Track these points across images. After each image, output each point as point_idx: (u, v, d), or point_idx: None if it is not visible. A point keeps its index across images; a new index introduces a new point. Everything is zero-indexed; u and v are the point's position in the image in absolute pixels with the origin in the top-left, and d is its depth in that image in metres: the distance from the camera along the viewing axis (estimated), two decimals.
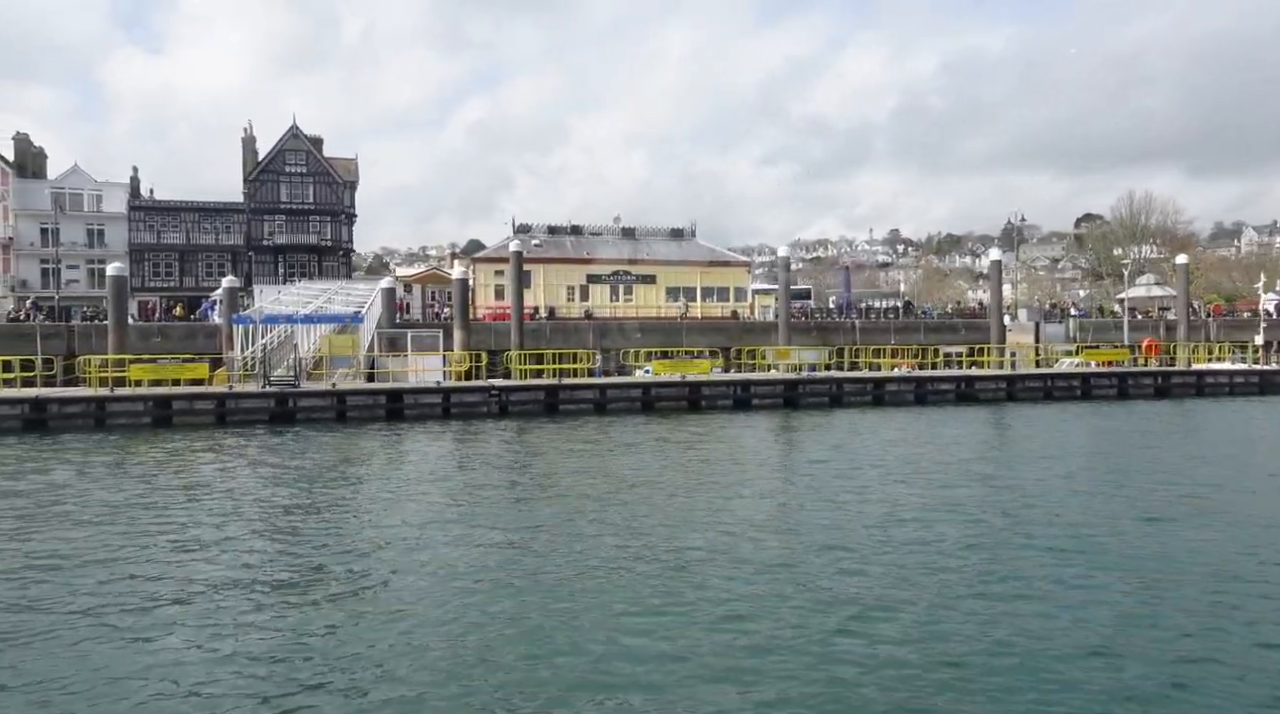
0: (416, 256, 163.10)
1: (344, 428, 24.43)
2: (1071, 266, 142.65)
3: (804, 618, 8.13)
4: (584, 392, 27.64)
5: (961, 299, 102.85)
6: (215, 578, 9.77)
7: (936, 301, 77.22)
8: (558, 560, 10.31)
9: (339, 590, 9.33)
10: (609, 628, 7.97)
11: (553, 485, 15.53)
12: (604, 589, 9.15)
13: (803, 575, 9.51)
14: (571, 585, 9.30)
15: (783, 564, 10.02)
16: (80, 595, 9.17)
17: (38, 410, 24.06)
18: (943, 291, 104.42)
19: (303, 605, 8.80)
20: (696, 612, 8.37)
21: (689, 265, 52.97)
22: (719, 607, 8.49)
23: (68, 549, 11.17)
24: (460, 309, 30.85)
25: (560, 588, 9.20)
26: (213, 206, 58.18)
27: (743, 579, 9.45)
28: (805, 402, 28.96)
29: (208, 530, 12.17)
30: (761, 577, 9.54)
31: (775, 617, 8.18)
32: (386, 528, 12.22)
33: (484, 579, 9.64)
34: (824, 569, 9.78)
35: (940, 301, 77.63)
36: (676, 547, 10.83)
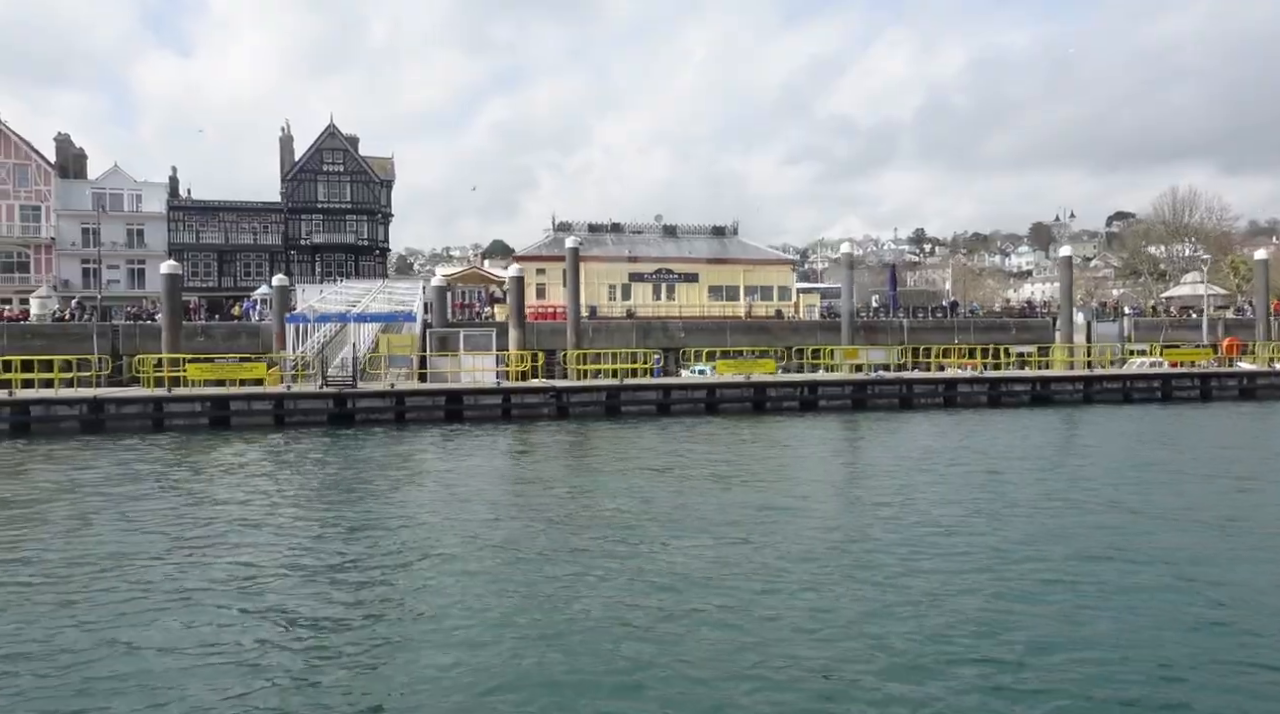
0: (440, 257, 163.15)
1: (404, 430, 23.75)
2: (1104, 265, 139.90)
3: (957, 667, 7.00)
4: (646, 393, 26.77)
5: (1000, 298, 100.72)
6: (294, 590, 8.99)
7: (969, 301, 75.62)
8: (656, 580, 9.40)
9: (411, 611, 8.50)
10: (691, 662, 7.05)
11: (636, 494, 14.65)
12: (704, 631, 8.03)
13: (962, 625, 8.38)
14: (679, 619, 8.25)
15: (950, 610, 9.05)
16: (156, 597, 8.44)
17: (95, 411, 23.59)
18: (975, 291, 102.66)
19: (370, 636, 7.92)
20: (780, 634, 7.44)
21: (731, 263, 51.98)
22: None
23: (165, 555, 10.48)
24: (515, 308, 30.11)
25: (663, 622, 8.18)
26: (251, 206, 58.03)
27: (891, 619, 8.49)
28: (874, 403, 27.91)
29: (303, 536, 11.43)
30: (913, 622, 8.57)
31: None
32: (476, 541, 11.41)
33: (581, 608, 8.61)
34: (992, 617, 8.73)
35: (974, 301, 76.00)
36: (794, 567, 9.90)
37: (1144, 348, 34.76)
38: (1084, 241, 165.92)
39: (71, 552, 10.95)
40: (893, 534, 11.27)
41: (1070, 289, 34.96)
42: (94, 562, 10.50)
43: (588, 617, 8.19)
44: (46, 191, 53.58)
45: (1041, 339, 45.80)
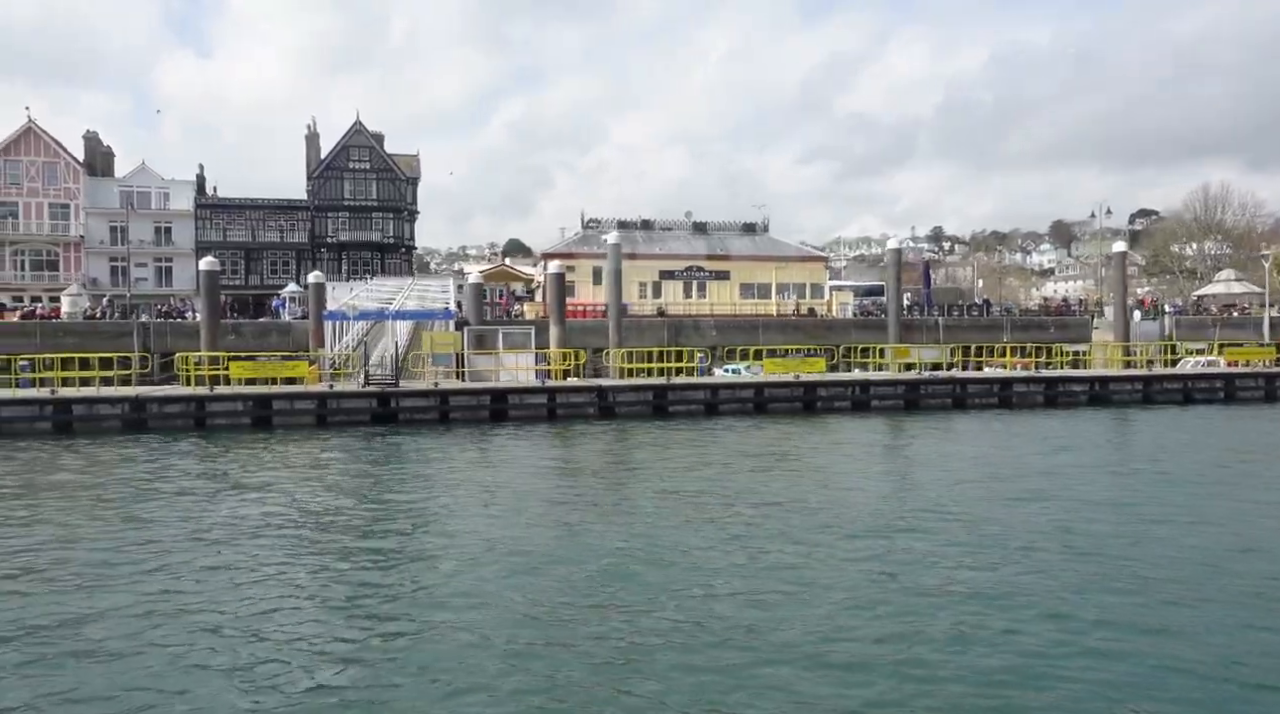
0: (457, 255, 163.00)
1: (448, 429, 23.18)
2: (1129, 263, 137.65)
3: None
4: (694, 392, 26.08)
5: (1024, 296, 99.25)
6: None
7: (998, 300, 74.38)
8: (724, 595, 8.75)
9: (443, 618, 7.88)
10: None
11: (700, 499, 13.98)
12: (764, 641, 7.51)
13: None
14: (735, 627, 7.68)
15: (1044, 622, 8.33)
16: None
17: (137, 410, 23.18)
18: (998, 289, 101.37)
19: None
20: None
21: (764, 261, 51.17)
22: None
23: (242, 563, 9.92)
24: (556, 305, 29.47)
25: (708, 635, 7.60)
26: (277, 204, 57.79)
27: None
28: (926, 404, 27.09)
29: (378, 537, 10.85)
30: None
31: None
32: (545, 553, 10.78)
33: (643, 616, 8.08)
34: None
35: (998, 298, 74.77)
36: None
37: (1201, 347, 33.65)
38: (1107, 239, 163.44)
39: (145, 551, 10.42)
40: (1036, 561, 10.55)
41: (1124, 286, 33.96)
42: (169, 558, 9.97)
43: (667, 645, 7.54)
44: (75, 189, 53.56)
45: (1080, 337, 44.73)
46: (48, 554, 10.77)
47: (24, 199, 52.76)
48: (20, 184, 52.66)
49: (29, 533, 11.88)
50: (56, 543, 11.34)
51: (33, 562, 10.38)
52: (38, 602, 8.89)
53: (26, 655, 7.43)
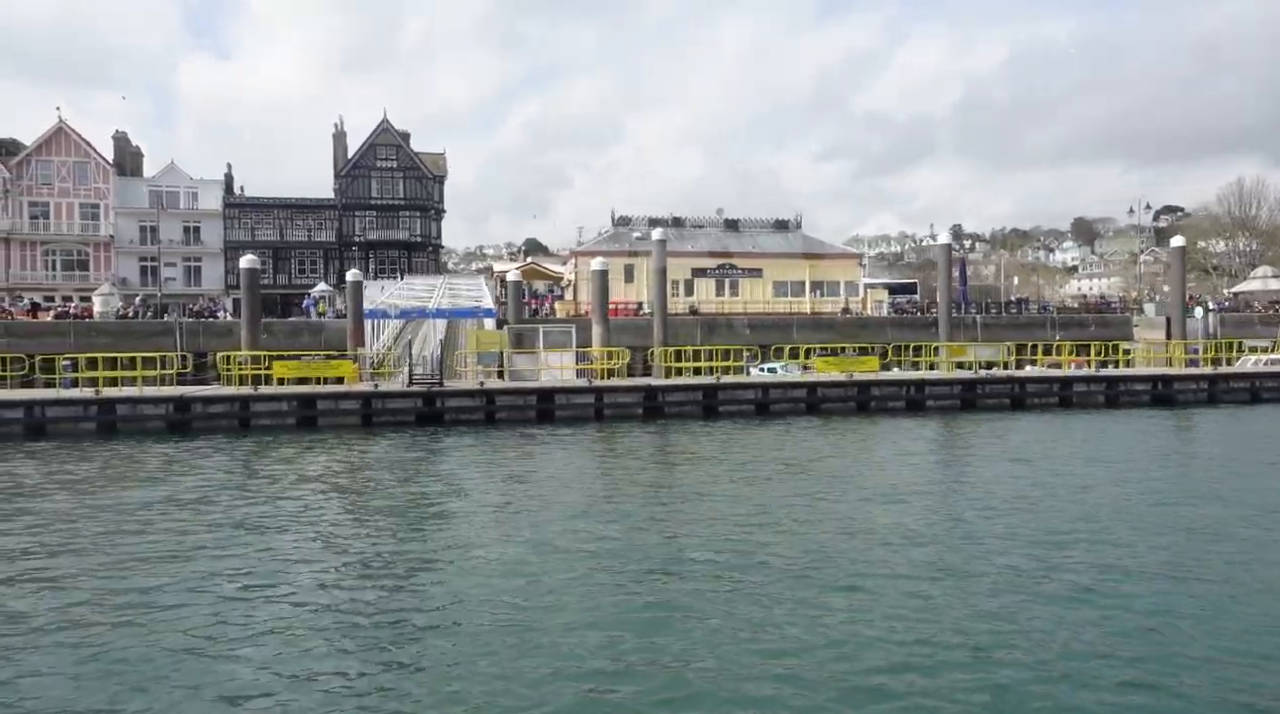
0: (474, 255, 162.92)
1: (494, 430, 22.61)
2: (1154, 260, 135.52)
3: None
4: (744, 392, 25.40)
5: (1045, 293, 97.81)
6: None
7: (1028, 297, 73.09)
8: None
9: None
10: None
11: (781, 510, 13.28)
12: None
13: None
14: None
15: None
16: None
17: (181, 410, 22.80)
18: (1023, 287, 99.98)
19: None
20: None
21: (796, 258, 50.36)
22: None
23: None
24: (599, 303, 28.86)
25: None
26: (305, 203, 57.60)
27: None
28: (984, 403, 26.26)
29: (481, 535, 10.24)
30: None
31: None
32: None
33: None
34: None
35: (1022, 296, 73.48)
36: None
37: (1265, 344, 32.53)
38: (1130, 236, 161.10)
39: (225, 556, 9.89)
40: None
41: (1183, 282, 32.90)
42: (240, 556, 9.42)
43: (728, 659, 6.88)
44: (105, 189, 53.59)
45: (1122, 335, 43.67)
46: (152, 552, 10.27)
47: (55, 199, 52.87)
48: (52, 184, 52.76)
49: (98, 531, 11.42)
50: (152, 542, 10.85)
51: (108, 557, 9.89)
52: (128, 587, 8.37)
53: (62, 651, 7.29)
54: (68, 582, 9.47)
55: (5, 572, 9.90)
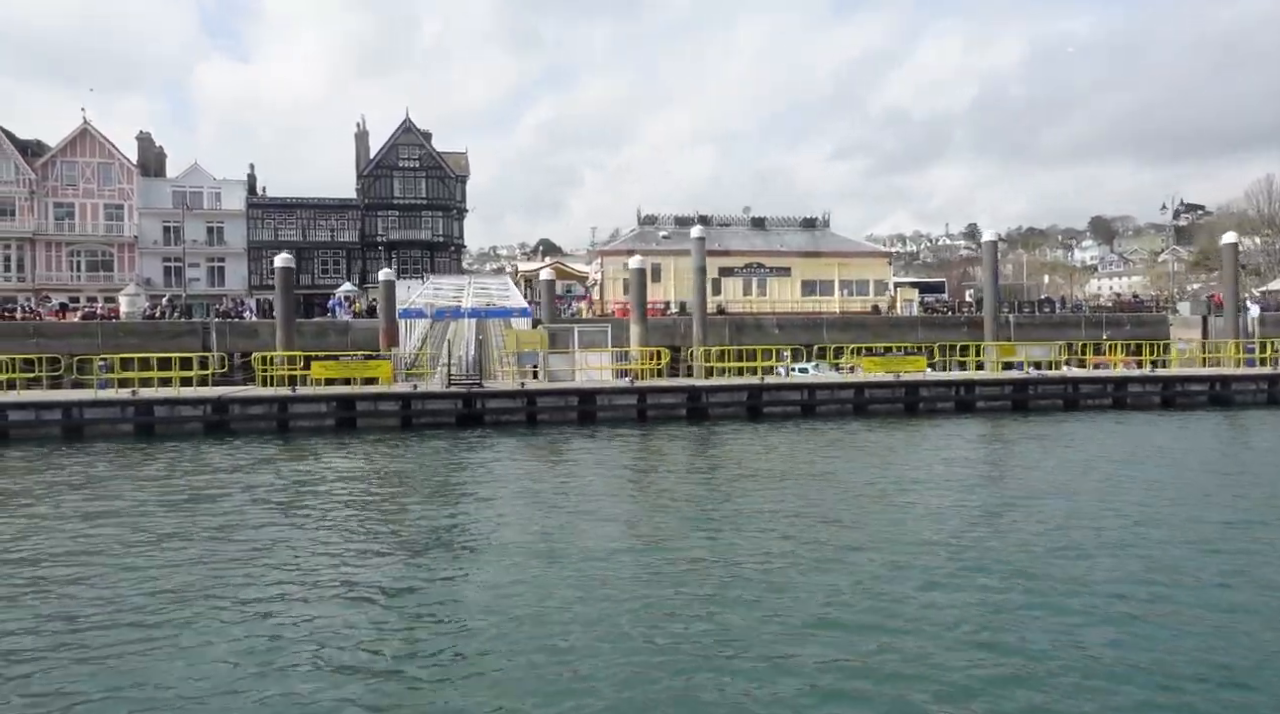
0: (488, 255, 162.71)
1: (538, 432, 22.09)
2: (1175, 259, 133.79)
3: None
4: (790, 393, 24.79)
5: (1067, 292, 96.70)
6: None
7: (1051, 296, 72.07)
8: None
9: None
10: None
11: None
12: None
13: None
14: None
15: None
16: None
17: (220, 411, 22.41)
18: (1047, 286, 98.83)
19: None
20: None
21: (825, 257, 49.68)
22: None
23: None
24: (638, 302, 28.30)
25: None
26: (327, 203, 57.38)
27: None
28: (1035, 405, 25.54)
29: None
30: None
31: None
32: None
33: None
34: None
35: (1068, 295, 72.45)
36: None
37: None
38: (1150, 235, 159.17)
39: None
40: None
41: (1236, 279, 32.05)
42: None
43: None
44: (129, 190, 53.52)
45: (1158, 334, 42.79)
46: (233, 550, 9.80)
47: (79, 200, 52.85)
48: (76, 185, 52.75)
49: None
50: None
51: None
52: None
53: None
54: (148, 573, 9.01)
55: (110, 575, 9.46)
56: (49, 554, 10.64)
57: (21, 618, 8.25)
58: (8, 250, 51.32)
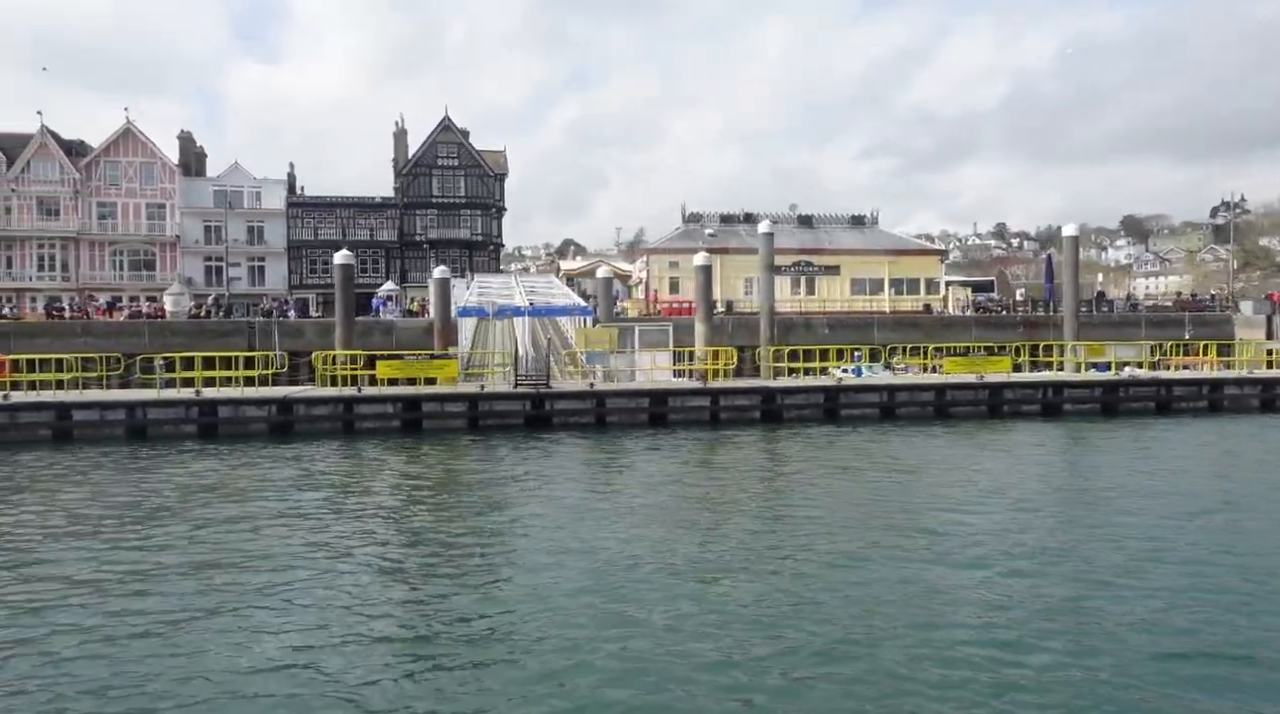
0: (512, 256, 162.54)
1: (608, 434, 21.25)
2: (1214, 258, 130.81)
3: None
4: (868, 395, 23.77)
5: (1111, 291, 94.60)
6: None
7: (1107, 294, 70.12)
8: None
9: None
10: None
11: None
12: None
13: None
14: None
15: None
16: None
17: (284, 412, 21.80)
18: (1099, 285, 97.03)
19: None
20: None
21: (874, 254, 48.45)
22: None
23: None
24: (703, 300, 27.41)
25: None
26: (366, 202, 57.04)
27: None
28: (1126, 407, 24.31)
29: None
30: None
31: None
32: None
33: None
34: None
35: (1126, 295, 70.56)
36: None
37: None
38: (1186, 234, 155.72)
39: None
40: None
41: None
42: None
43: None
44: (171, 189, 53.48)
45: (1222, 334, 41.25)
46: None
47: (122, 200, 52.88)
48: (119, 185, 52.78)
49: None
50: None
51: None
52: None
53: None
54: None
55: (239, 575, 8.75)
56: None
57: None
58: (53, 250, 51.45)
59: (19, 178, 51.04)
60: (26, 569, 9.92)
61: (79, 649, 7.46)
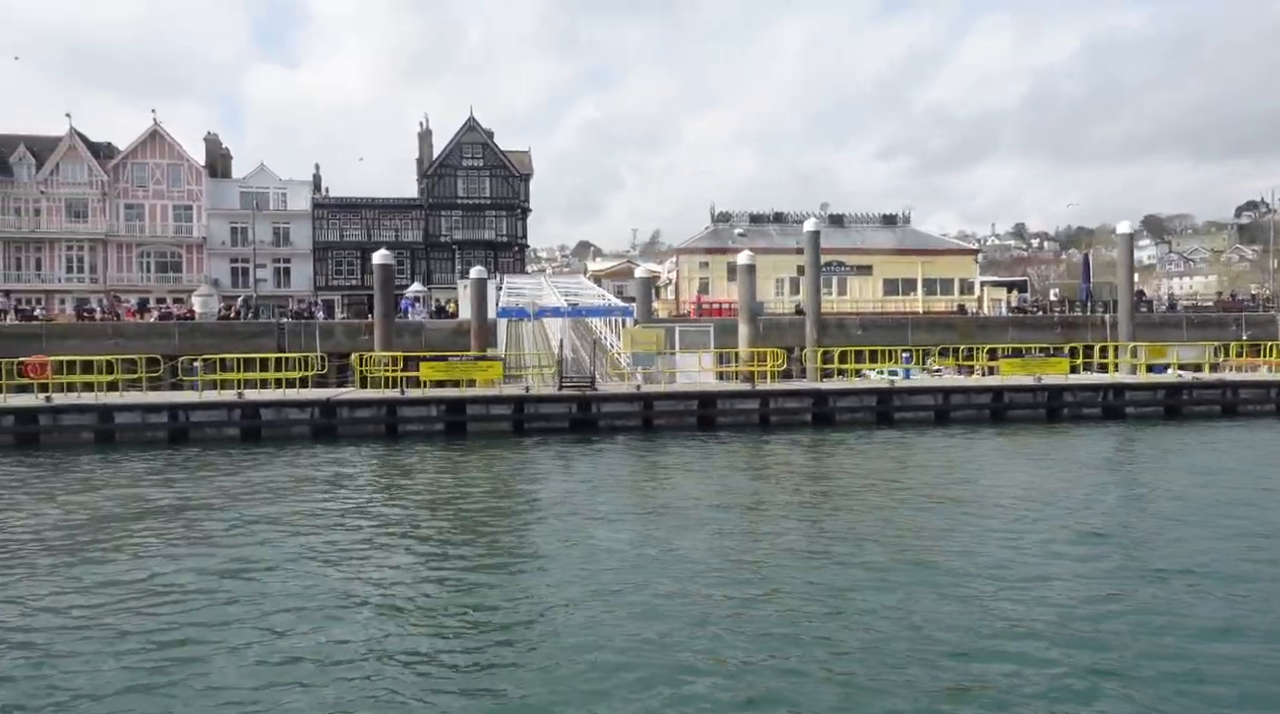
0: (528, 258, 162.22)
1: (657, 438, 20.67)
2: (1239, 258, 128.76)
3: None
4: (922, 397, 23.09)
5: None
6: None
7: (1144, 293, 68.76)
8: None
9: None
10: None
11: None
12: None
13: None
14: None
15: None
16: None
17: (327, 415, 21.39)
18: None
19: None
20: None
21: (907, 254, 47.72)
22: None
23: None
24: (747, 300, 26.84)
25: None
26: (391, 203, 56.82)
27: None
28: (1190, 411, 23.51)
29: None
30: None
31: None
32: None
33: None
34: None
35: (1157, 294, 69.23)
36: None
37: None
38: (1210, 233, 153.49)
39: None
40: None
41: None
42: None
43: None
44: (198, 191, 53.45)
45: (1265, 334, 40.27)
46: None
47: (149, 201, 52.89)
48: (146, 187, 52.80)
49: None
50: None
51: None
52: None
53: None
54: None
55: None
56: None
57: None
58: (81, 252, 51.52)
59: (48, 180, 51.14)
60: (99, 570, 9.48)
61: (124, 652, 7.29)
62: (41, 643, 7.59)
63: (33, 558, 10.48)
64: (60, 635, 7.77)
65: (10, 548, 10.97)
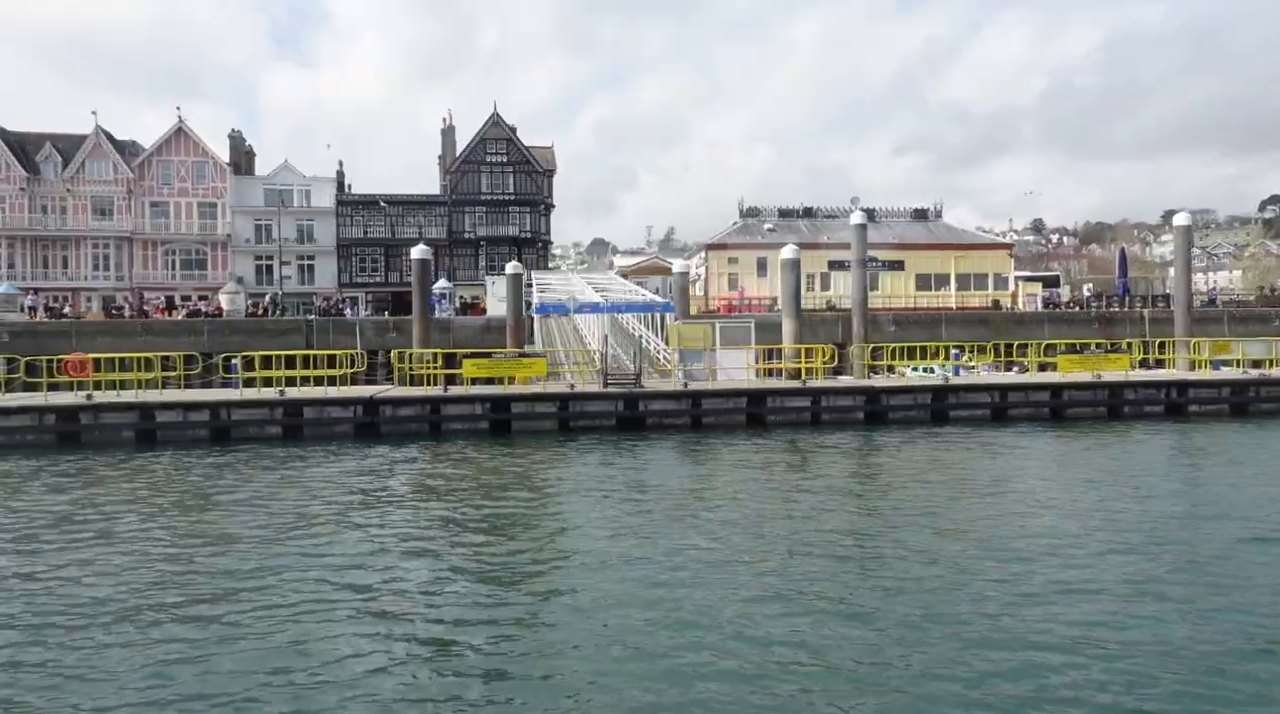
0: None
1: (705, 438, 20.08)
2: (1265, 253, 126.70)
3: None
4: (978, 395, 22.40)
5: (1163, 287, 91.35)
6: None
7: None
8: None
9: None
10: None
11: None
12: None
13: None
14: None
15: None
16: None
17: (370, 412, 20.95)
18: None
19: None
20: None
21: (940, 249, 46.86)
22: None
23: None
24: (792, 297, 26.20)
25: None
26: (415, 199, 56.46)
27: None
28: (1257, 409, 22.69)
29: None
30: None
31: None
32: None
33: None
34: None
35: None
36: None
37: None
38: (1235, 228, 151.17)
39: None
40: None
41: None
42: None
43: None
44: (222, 188, 53.28)
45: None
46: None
47: (174, 199, 52.77)
48: (171, 184, 52.67)
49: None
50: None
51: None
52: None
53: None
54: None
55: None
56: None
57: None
58: (107, 250, 51.47)
59: (74, 178, 51.11)
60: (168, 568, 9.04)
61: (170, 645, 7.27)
62: (157, 638, 7.15)
63: (147, 559, 10.05)
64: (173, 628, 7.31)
65: (117, 545, 10.55)
